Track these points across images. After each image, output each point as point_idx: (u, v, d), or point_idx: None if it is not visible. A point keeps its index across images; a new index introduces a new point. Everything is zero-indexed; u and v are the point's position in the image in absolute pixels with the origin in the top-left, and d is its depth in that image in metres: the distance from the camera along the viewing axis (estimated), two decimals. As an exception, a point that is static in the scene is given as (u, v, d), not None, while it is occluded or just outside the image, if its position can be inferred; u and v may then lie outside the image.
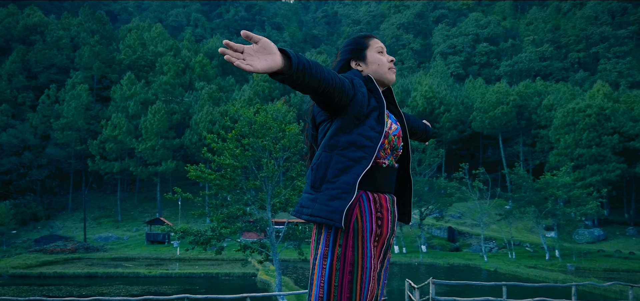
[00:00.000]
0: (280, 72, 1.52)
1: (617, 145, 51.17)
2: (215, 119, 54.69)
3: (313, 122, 2.07)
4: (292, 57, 1.53)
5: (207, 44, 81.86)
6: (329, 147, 1.86)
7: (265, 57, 1.47)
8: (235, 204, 24.22)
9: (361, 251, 1.81)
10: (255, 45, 1.48)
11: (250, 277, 31.67)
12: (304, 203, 1.90)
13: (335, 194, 1.79)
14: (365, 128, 1.84)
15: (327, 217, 1.78)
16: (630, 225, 51.55)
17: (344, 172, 1.81)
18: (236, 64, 1.46)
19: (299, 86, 1.61)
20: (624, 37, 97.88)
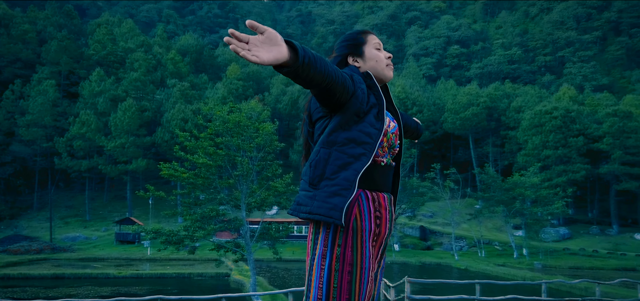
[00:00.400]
0: (285, 65, 1.48)
1: (582, 147, 52.92)
2: (188, 117, 53.95)
3: (309, 119, 2.00)
4: (298, 50, 1.48)
5: (180, 41, 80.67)
6: (327, 144, 1.81)
7: (271, 49, 1.43)
8: (209, 203, 23.99)
9: (360, 251, 1.77)
10: (261, 36, 1.44)
11: (224, 277, 31.38)
12: (302, 201, 1.82)
13: (334, 191, 1.74)
14: (364, 125, 1.80)
15: (326, 214, 1.73)
16: (594, 224, 53.43)
17: (344, 168, 1.76)
18: (241, 54, 1.41)
19: (303, 80, 1.57)
20: (588, 42, 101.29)
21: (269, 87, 71.30)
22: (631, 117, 52.84)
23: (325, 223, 1.79)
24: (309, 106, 2.01)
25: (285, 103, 65.96)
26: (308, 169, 1.84)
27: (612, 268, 35.32)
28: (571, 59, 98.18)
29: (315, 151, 1.84)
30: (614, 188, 52.99)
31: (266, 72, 78.44)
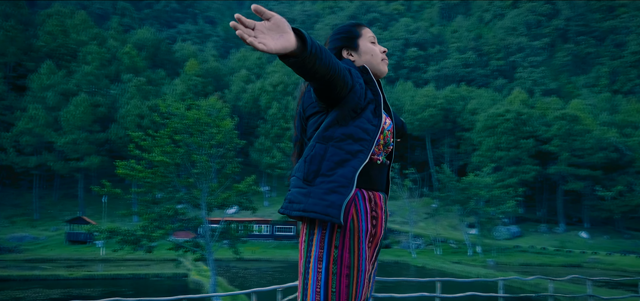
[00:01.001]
0: (292, 55, 1.40)
1: (532, 148, 55.24)
2: (144, 114, 52.48)
3: (302, 114, 1.90)
4: (307, 39, 1.40)
5: (136, 35, 78.24)
6: (323, 139, 1.71)
7: (279, 36, 1.35)
8: (168, 202, 23.43)
9: (357, 253, 1.68)
10: (267, 23, 1.35)
11: (182, 277, 30.75)
12: (294, 198, 1.71)
13: (331, 188, 1.65)
14: (362, 121, 1.72)
15: (323, 212, 1.63)
16: (542, 222, 55.91)
17: (341, 165, 1.68)
18: (248, 41, 1.31)
19: (307, 71, 1.48)
20: (538, 48, 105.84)
21: (229, 85, 70.39)
22: (577, 121, 55.63)
23: (321, 224, 1.69)
24: (301, 101, 1.91)
25: (245, 100, 65.31)
26: (302, 165, 1.73)
27: (559, 265, 37.09)
28: (522, 64, 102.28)
29: (310, 146, 1.74)
30: (561, 188, 55.63)
31: (226, 69, 77.39)
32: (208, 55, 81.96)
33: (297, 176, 1.75)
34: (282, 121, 60.60)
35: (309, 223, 1.73)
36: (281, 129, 59.57)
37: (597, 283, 18.26)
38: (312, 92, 1.73)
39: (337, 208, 1.62)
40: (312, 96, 1.78)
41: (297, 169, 1.76)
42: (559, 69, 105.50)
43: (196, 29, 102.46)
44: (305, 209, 1.66)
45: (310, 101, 1.81)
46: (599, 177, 53.22)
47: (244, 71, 73.41)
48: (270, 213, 51.54)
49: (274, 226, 46.01)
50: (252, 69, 76.17)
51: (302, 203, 1.67)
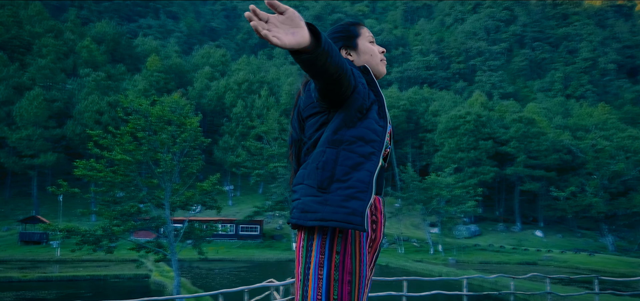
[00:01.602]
0: (305, 51, 1.36)
1: (490, 149, 56.99)
2: (104, 110, 50.83)
3: (299, 116, 1.84)
4: (320, 34, 1.36)
5: (95, 28, 75.68)
6: (333, 143, 1.65)
7: (293, 31, 1.31)
8: (129, 201, 22.80)
9: (359, 258, 1.65)
10: (281, 16, 1.31)
11: (143, 279, 29.97)
12: (308, 207, 1.62)
13: (350, 193, 1.58)
14: (370, 122, 1.67)
15: (345, 220, 1.56)
16: (500, 221, 57.77)
17: (356, 169, 1.62)
18: (263, 34, 1.26)
19: (317, 69, 1.43)
20: (496, 52, 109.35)
21: (192, 81, 69.14)
22: (533, 124, 57.78)
23: (321, 229, 1.63)
24: (298, 102, 1.85)
25: (209, 98, 64.33)
26: (314, 172, 1.64)
27: (516, 262, 38.41)
28: (482, 68, 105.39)
29: (319, 151, 1.66)
30: (518, 188, 57.63)
31: (189, 66, 75.98)
32: (170, 51, 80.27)
33: (308, 183, 1.66)
34: (247, 119, 60.06)
35: (307, 229, 1.67)
36: (246, 128, 59.03)
37: (554, 280, 19.02)
38: (314, 92, 1.67)
39: (360, 215, 1.56)
40: (312, 96, 1.73)
41: (307, 176, 1.67)
42: (516, 74, 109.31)
43: (158, 24, 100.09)
44: (324, 218, 1.58)
45: (309, 101, 1.75)
46: (553, 178, 55.44)
47: (207, 68, 72.31)
48: (235, 212, 51.01)
49: (239, 225, 45.55)
50: (216, 66, 75.13)
51: (319, 212, 1.59)
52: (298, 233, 1.71)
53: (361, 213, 1.57)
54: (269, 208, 43.75)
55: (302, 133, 1.84)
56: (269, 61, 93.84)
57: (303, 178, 1.69)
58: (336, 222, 1.57)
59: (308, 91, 1.77)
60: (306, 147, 1.76)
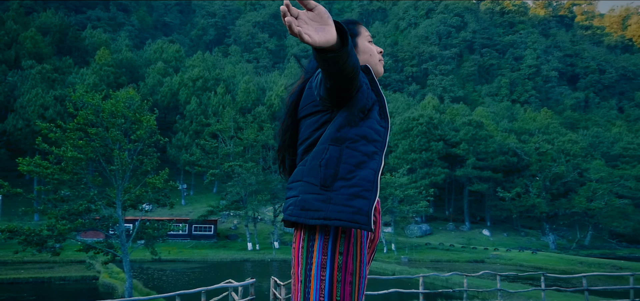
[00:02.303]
0: (330, 49, 1.33)
1: (441, 150, 58.75)
2: (49, 104, 48.38)
3: (293, 114, 1.79)
4: (346, 33, 1.34)
5: (40, 18, 71.90)
6: (336, 140, 1.61)
7: (323, 29, 1.29)
8: (78, 199, 21.87)
9: (360, 259, 1.63)
10: (310, 13, 1.29)
11: (91, 280, 28.80)
12: (310, 205, 1.58)
13: (355, 192, 1.55)
14: (372, 121, 1.65)
15: (350, 219, 1.53)
16: (450, 221, 59.65)
17: (359, 167, 1.59)
18: (295, 31, 1.23)
19: (338, 69, 1.40)
20: (448, 57, 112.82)
21: (144, 77, 67.06)
22: (482, 127, 60.07)
23: (323, 229, 1.60)
24: (293, 100, 1.80)
25: (162, 94, 62.62)
26: (317, 169, 1.61)
27: (466, 260, 39.79)
28: (433, 72, 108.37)
29: (322, 148, 1.63)
30: (467, 189, 59.71)
31: (141, 61, 73.65)
32: (121, 45, 77.49)
33: (308, 180, 1.61)
34: (201, 117, 58.93)
35: (307, 228, 1.63)
36: (200, 126, 57.91)
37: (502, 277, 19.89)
38: (320, 91, 1.61)
39: (365, 214, 1.53)
40: (314, 95, 1.68)
41: (307, 173, 1.63)
42: (466, 78, 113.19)
43: (108, 17, 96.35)
44: (328, 217, 1.54)
45: (310, 100, 1.71)
46: (500, 179, 57.83)
47: (160, 63, 70.36)
48: (188, 211, 49.94)
49: (192, 225, 44.61)
50: (169, 62, 73.24)
51: (322, 211, 1.55)
52: (296, 233, 1.66)
53: (366, 212, 1.54)
54: (224, 207, 43.15)
55: (294, 136, 1.81)
56: (225, 58, 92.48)
57: (302, 175, 1.65)
58: (341, 221, 1.53)
59: (308, 90, 1.73)
60: (304, 146, 1.72)
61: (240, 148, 48.79)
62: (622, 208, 52.80)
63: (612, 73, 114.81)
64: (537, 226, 57.85)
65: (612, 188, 54.83)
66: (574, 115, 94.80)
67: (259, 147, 49.75)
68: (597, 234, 56.10)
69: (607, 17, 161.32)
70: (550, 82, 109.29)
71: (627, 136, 73.66)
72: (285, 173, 1.90)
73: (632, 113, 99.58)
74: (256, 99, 66.69)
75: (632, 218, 53.28)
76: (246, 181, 41.83)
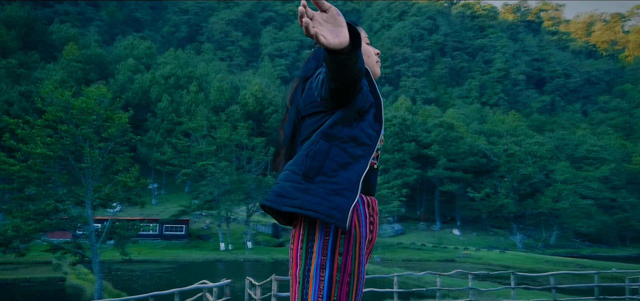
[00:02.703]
0: (342, 51, 1.31)
1: (414, 151, 59.58)
2: (14, 100, 46.75)
3: (297, 113, 1.77)
4: (358, 35, 1.34)
5: (5, 11, 69.37)
6: (327, 136, 1.62)
7: (337, 31, 1.28)
8: (46, 199, 21.26)
9: (358, 259, 1.63)
10: (325, 14, 1.28)
11: (58, 282, 28.01)
12: (287, 193, 1.57)
13: (335, 189, 1.55)
14: (365, 124, 1.66)
15: (326, 213, 1.52)
16: (422, 221, 60.55)
17: (344, 168, 1.59)
18: (312, 32, 1.22)
19: (346, 70, 1.39)
20: (420, 59, 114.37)
21: (114, 73, 65.56)
22: (453, 128, 61.22)
23: (323, 229, 1.59)
24: (299, 98, 1.78)
25: (133, 91, 61.37)
26: (303, 159, 1.61)
27: (437, 260, 40.47)
28: (406, 73, 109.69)
29: (312, 140, 1.63)
30: (438, 189, 60.72)
31: (111, 57, 71.99)
32: (90, 40, 75.55)
33: (292, 169, 1.61)
34: (173, 115, 58.02)
35: (306, 229, 1.62)
36: (172, 124, 57.03)
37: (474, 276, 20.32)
38: (322, 91, 1.60)
39: (343, 211, 1.53)
40: (314, 95, 1.68)
41: (294, 162, 1.64)
42: (437, 80, 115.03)
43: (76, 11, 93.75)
44: (303, 206, 1.54)
45: (311, 100, 1.70)
46: (470, 180, 59.04)
47: (131, 60, 68.93)
48: (159, 211, 49.12)
49: (163, 225, 43.88)
50: (140, 59, 71.81)
51: (299, 199, 1.55)
52: (294, 233, 1.66)
53: (344, 210, 1.53)
54: (197, 207, 42.65)
55: (296, 135, 1.79)
56: (198, 56, 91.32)
57: (289, 164, 1.66)
58: (317, 214, 1.53)
59: (309, 90, 1.72)
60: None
61: (213, 147, 48.27)
62: (586, 208, 54.71)
63: (577, 78, 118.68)
64: (505, 226, 59.31)
65: (576, 189, 56.73)
66: (541, 118, 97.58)
67: (232, 146, 49.35)
68: (562, 233, 57.94)
69: (573, 23, 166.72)
70: (519, 85, 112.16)
71: (591, 138, 76.34)
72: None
73: (595, 117, 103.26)
74: (230, 97, 66.13)
75: (595, 218, 55.26)
76: (219, 181, 41.46)
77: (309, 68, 1.83)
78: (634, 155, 71.23)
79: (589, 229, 55.11)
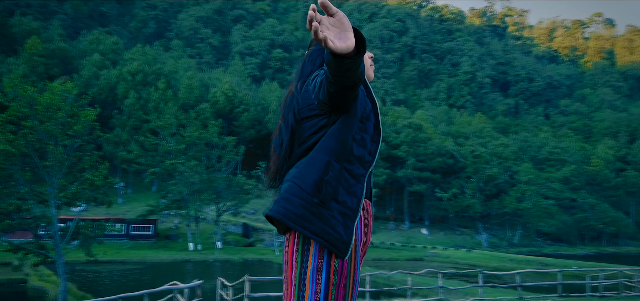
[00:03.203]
0: (347, 56, 1.30)
1: (383, 151, 60.24)
2: (-30, 94, 44.75)
3: (294, 116, 1.72)
4: (364, 39, 1.33)
5: (-40, 0, 66.35)
6: (339, 158, 1.60)
7: (344, 35, 1.28)
8: (7, 198, 20.49)
9: (354, 262, 1.64)
10: (332, 18, 1.27)
11: (18, 284, 27.02)
12: (300, 210, 1.58)
13: (342, 221, 1.58)
14: (368, 138, 1.66)
15: (334, 244, 1.57)
16: (391, 220, 61.31)
17: (348, 191, 1.61)
18: (320, 37, 1.22)
19: (349, 74, 1.37)
20: (390, 60, 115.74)
21: (78, 69, 63.61)
22: (421, 130, 62.25)
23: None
24: (293, 103, 1.74)
25: (99, 88, 59.70)
26: (319, 185, 1.59)
27: (406, 259, 41.09)
28: (376, 74, 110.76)
29: (326, 161, 1.60)
30: (407, 189, 61.61)
31: (75, 51, 69.81)
32: (53, 33, 73.00)
33: (303, 187, 1.60)
34: (141, 112, 56.77)
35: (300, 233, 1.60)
36: (139, 122, 55.78)
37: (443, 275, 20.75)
38: (319, 95, 1.57)
39: (346, 244, 1.58)
40: (311, 98, 1.65)
41: (300, 178, 1.61)
42: (406, 82, 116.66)
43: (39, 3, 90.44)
44: (315, 232, 1.56)
45: (308, 103, 1.67)
46: (438, 180, 60.17)
47: (97, 55, 67.01)
48: (125, 211, 47.97)
49: (130, 225, 42.89)
50: (106, 54, 69.89)
51: (313, 224, 1.57)
52: (288, 237, 1.63)
53: (347, 242, 1.58)
54: (165, 206, 41.90)
55: (294, 138, 1.74)
56: (166, 53, 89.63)
57: (291, 177, 1.64)
58: (325, 241, 1.56)
59: (305, 92, 1.69)
60: (302, 149, 1.69)
61: (182, 146, 47.50)
62: (548, 208, 56.64)
63: (540, 82, 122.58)
64: (471, 225, 60.72)
65: (539, 189, 58.65)
66: (505, 120, 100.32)
67: (202, 145, 48.67)
68: (526, 232, 59.79)
69: (536, 28, 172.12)
70: (484, 88, 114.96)
71: (553, 141, 79.06)
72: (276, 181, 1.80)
73: (556, 120, 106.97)
74: (199, 95, 65.19)
75: (556, 218, 57.25)
76: (189, 180, 40.86)
77: (304, 72, 1.80)
78: (593, 157, 74.17)
79: (551, 228, 57.05)
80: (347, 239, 1.57)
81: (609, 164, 74.31)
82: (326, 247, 1.56)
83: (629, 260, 43.78)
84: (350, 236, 1.58)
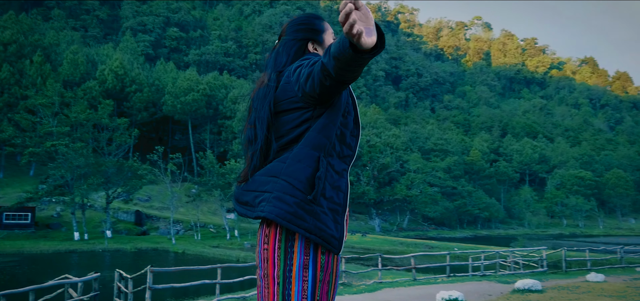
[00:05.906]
0: (366, 51, 1.27)
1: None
2: None
3: (270, 109, 1.66)
4: (383, 35, 1.31)
5: None
6: (326, 153, 1.60)
7: (370, 30, 1.25)
8: None
9: (336, 257, 1.65)
10: (357, 11, 1.24)
11: None
12: (294, 209, 1.54)
13: (333, 217, 1.59)
14: (347, 133, 1.65)
15: (327, 240, 1.57)
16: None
17: (334, 186, 1.60)
18: (355, 31, 1.19)
19: (356, 70, 1.35)
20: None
21: None
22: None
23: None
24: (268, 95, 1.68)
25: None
26: (312, 182, 1.56)
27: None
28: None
29: (315, 156, 1.58)
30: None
31: None
32: None
33: (294, 184, 1.56)
34: (16, 87, 50.78)
35: (284, 229, 1.58)
36: (15, 98, 49.89)
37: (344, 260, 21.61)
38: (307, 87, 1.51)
39: (338, 239, 1.60)
40: (294, 90, 1.60)
41: (291, 174, 1.57)
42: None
43: None
44: (310, 230, 1.54)
45: (290, 95, 1.62)
46: (335, 168, 62.12)
47: (-41, 19, 58.61)
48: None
49: (3, 213, 38.35)
50: (-29, 20, 61.37)
51: (307, 223, 1.54)
52: (269, 233, 1.60)
53: (339, 238, 1.60)
54: (45, 192, 38.17)
55: (270, 131, 1.68)
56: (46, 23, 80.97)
57: (279, 173, 1.60)
58: (320, 239, 1.56)
59: (286, 84, 1.64)
60: (282, 142, 1.65)
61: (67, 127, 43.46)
62: (433, 195, 61.43)
63: (427, 77, 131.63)
64: (365, 211, 63.76)
65: (426, 178, 63.29)
66: (397, 112, 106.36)
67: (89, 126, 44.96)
68: (413, 218, 64.26)
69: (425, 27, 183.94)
70: (378, 81, 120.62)
71: (438, 132, 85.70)
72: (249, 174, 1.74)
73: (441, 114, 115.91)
74: (85, 72, 60.03)
75: (440, 204, 62.34)
76: (73, 163, 37.59)
77: (279, 62, 1.75)
78: (471, 149, 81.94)
79: (435, 213, 62.00)
80: (338, 235, 1.59)
81: (484, 156, 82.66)
82: (320, 244, 1.56)
83: (500, 242, 49.34)
84: (340, 231, 1.59)
